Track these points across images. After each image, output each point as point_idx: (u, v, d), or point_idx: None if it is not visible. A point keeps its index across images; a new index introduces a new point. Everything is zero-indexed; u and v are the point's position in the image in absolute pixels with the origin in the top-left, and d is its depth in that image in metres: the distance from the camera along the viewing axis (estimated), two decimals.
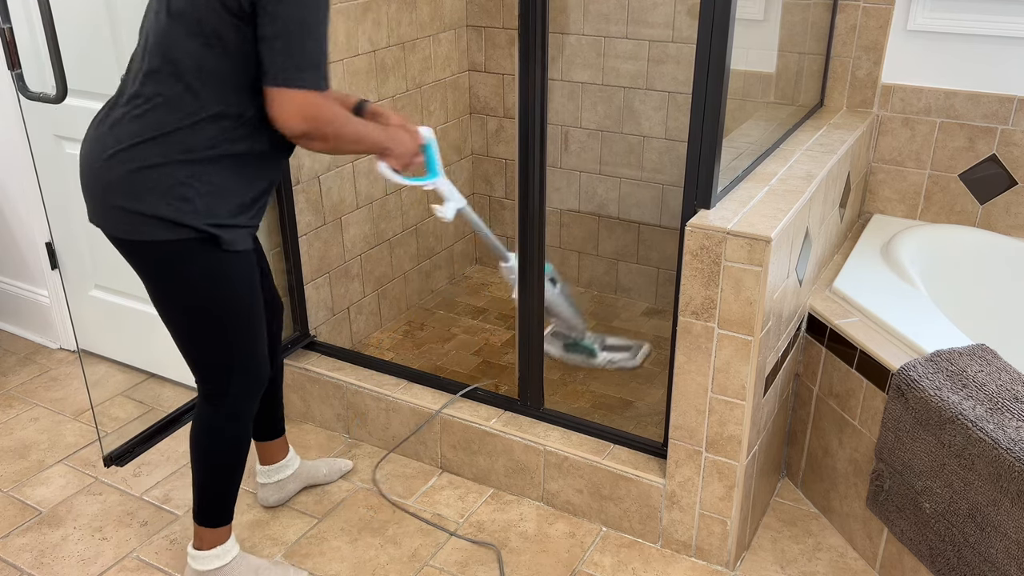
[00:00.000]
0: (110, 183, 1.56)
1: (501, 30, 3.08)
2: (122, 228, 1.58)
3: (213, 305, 1.66)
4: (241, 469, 1.88)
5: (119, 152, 1.55)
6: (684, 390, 1.92)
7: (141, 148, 1.54)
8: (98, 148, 1.58)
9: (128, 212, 1.56)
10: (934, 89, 2.41)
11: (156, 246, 1.59)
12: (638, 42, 2.84)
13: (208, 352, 1.73)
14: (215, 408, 1.79)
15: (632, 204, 3.06)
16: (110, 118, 1.59)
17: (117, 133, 1.56)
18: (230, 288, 1.66)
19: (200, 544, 1.91)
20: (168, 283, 1.64)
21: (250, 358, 1.76)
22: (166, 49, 1.52)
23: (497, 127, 3.22)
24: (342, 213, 2.65)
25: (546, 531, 2.17)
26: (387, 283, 2.97)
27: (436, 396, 2.36)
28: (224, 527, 1.91)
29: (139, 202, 1.55)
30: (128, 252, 1.63)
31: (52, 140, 2.59)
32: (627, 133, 2.97)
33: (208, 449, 1.82)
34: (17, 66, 1.90)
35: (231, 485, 1.88)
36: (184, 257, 1.60)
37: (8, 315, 3.09)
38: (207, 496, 1.86)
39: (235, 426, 1.82)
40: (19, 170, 2.74)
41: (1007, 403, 1.69)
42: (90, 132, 1.62)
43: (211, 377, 1.76)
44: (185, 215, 1.56)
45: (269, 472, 2.21)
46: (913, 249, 2.30)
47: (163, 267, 1.61)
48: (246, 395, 1.80)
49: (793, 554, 2.09)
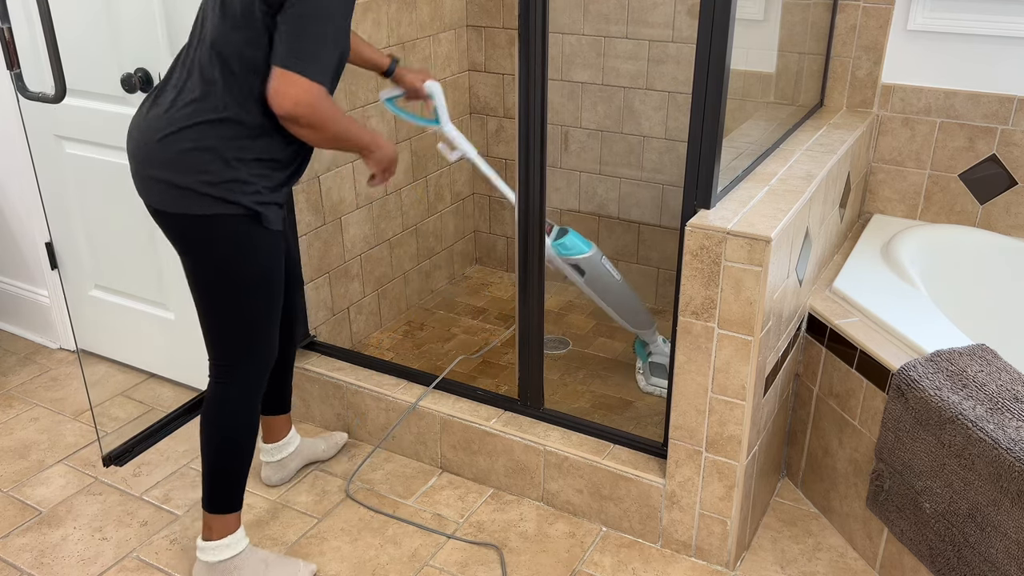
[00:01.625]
0: (164, 161, 1.66)
1: (501, 30, 3.08)
2: (170, 202, 1.68)
3: (244, 280, 1.75)
4: (251, 451, 1.92)
5: (172, 134, 1.65)
6: (684, 390, 1.92)
7: (194, 130, 1.65)
8: (151, 130, 1.68)
9: (180, 188, 1.66)
10: (934, 89, 2.41)
11: (203, 220, 1.68)
12: (638, 42, 2.84)
13: (231, 325, 1.80)
14: (228, 382, 1.85)
15: (632, 204, 3.06)
16: (160, 102, 1.69)
17: (171, 116, 1.66)
18: (261, 265, 1.76)
19: (209, 534, 1.93)
20: (206, 256, 1.72)
21: (267, 336, 1.85)
22: (214, 40, 1.64)
23: (497, 127, 3.22)
24: (342, 213, 2.65)
25: (546, 531, 2.17)
26: (387, 283, 2.97)
27: (436, 396, 2.36)
28: (233, 515, 1.93)
29: (192, 179, 1.65)
30: (171, 225, 1.72)
31: (52, 140, 2.59)
32: (627, 133, 2.97)
33: (220, 426, 1.87)
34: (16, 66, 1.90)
35: (241, 466, 1.91)
36: (227, 232, 1.70)
37: (8, 315, 3.09)
38: (217, 479, 1.89)
39: (246, 401, 1.87)
40: (19, 170, 2.74)
41: (1007, 403, 1.69)
42: (140, 115, 1.72)
43: (229, 351, 1.83)
44: (235, 193, 1.67)
45: (273, 450, 2.26)
46: (913, 249, 2.30)
47: (204, 241, 1.71)
48: (258, 372, 1.87)
49: (793, 554, 2.09)
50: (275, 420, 2.23)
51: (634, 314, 2.52)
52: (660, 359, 2.61)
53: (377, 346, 2.89)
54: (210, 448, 1.88)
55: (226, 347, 1.83)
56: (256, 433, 1.92)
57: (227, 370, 1.84)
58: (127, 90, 2.29)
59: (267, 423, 2.24)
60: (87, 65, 2.38)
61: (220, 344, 1.83)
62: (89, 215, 2.63)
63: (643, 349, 2.66)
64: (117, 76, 2.33)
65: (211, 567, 1.93)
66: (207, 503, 1.91)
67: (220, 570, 1.92)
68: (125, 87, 2.29)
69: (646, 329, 2.57)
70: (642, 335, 2.60)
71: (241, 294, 1.76)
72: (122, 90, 2.32)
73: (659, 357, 2.61)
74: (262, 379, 1.88)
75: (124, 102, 2.38)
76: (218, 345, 1.83)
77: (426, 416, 2.33)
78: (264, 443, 2.27)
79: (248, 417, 1.88)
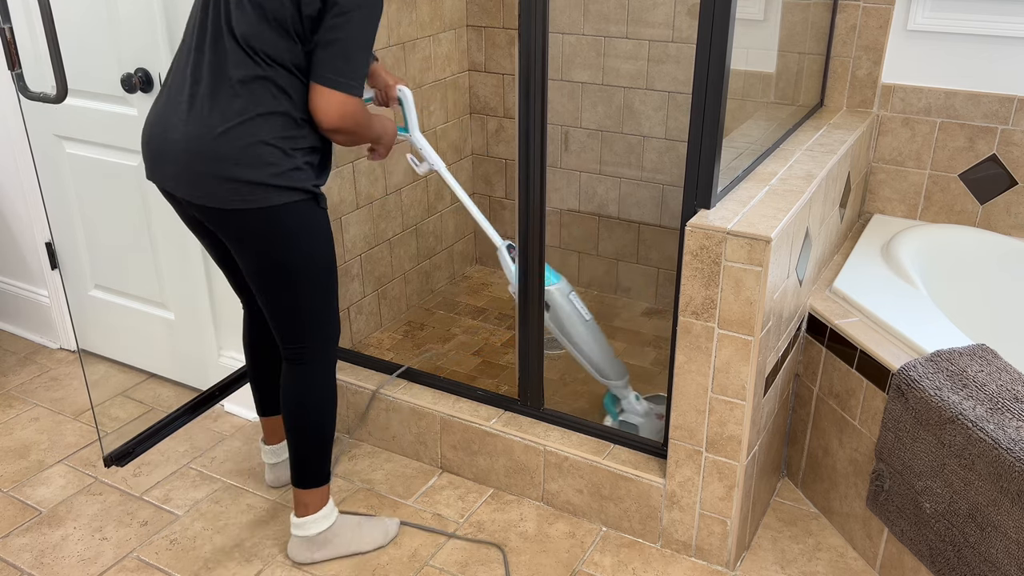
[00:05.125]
0: (225, 157, 1.68)
1: (501, 30, 3.08)
2: (237, 199, 1.70)
3: (318, 260, 1.82)
4: (335, 419, 2.01)
5: (231, 129, 1.67)
6: (684, 390, 1.92)
7: (251, 124, 1.68)
8: (202, 127, 1.68)
9: (244, 183, 1.68)
10: (934, 89, 2.41)
11: (271, 212, 1.72)
12: (638, 42, 2.84)
13: (314, 307, 1.86)
14: (315, 360, 1.91)
15: (632, 204, 3.06)
16: (198, 101, 1.69)
17: (222, 111, 1.68)
18: (327, 243, 1.84)
19: (305, 511, 2.00)
20: (284, 246, 1.76)
21: (337, 308, 1.93)
22: (245, 35, 1.66)
23: (497, 127, 3.22)
24: (342, 213, 2.65)
25: (546, 531, 2.17)
26: (387, 283, 2.97)
27: (436, 396, 2.36)
28: (327, 486, 2.01)
29: (256, 172, 1.68)
30: (240, 223, 1.73)
31: (52, 140, 2.59)
32: (627, 133, 2.97)
33: (311, 406, 1.94)
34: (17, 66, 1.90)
35: (332, 436, 2.00)
36: (295, 218, 1.75)
37: (8, 315, 3.09)
38: (314, 455, 1.96)
39: (332, 373, 1.96)
40: (19, 170, 2.74)
41: (1007, 403, 1.69)
42: (178, 116, 1.71)
43: (315, 332, 1.89)
44: (297, 179, 1.73)
45: (277, 451, 2.27)
46: (913, 249, 2.30)
47: (275, 231, 1.74)
48: (336, 342, 1.95)
49: (793, 554, 2.09)
50: (277, 421, 2.23)
51: (603, 361, 2.23)
52: (632, 418, 2.28)
53: (377, 346, 2.89)
54: (302, 429, 1.94)
55: (312, 329, 1.88)
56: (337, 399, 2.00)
57: (313, 350, 1.90)
58: (127, 90, 2.30)
59: (268, 424, 2.24)
60: (87, 65, 2.38)
61: (305, 328, 1.87)
62: (89, 215, 2.63)
63: (613, 406, 2.33)
64: (117, 76, 2.33)
65: (310, 541, 2.01)
66: (301, 482, 1.97)
67: (320, 541, 2.02)
68: (125, 87, 2.29)
69: (617, 381, 2.26)
70: (613, 388, 2.28)
71: (318, 276, 1.83)
72: (122, 90, 2.32)
73: (631, 416, 2.28)
74: (337, 348, 1.98)
75: (124, 102, 2.38)
76: (303, 329, 1.87)
77: (426, 416, 2.33)
78: (265, 444, 2.27)
79: (334, 388, 1.97)
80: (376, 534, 2.10)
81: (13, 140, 2.69)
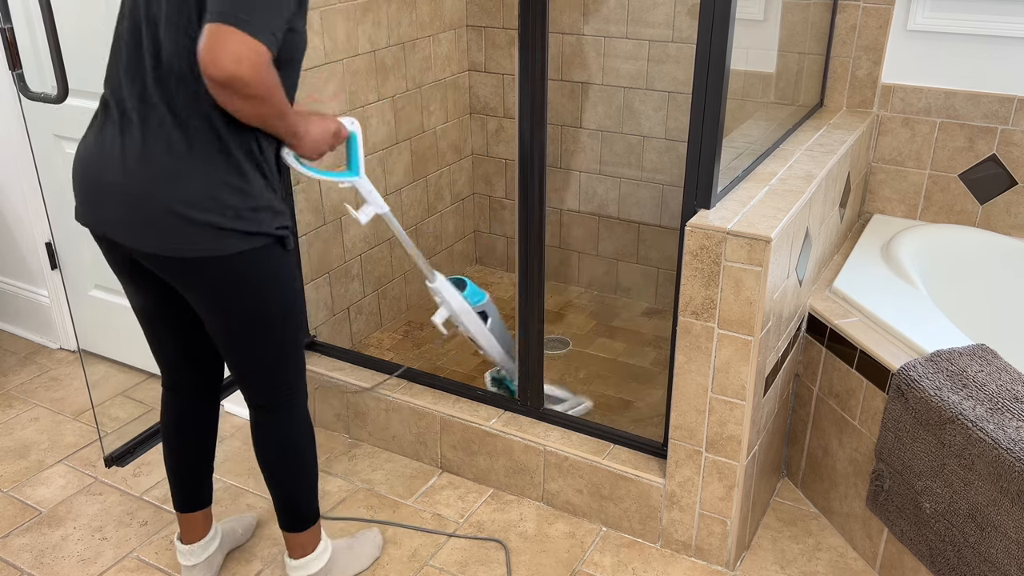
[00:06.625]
0: (179, 202, 1.47)
1: (501, 30, 3.08)
2: (195, 247, 1.49)
3: (284, 307, 1.64)
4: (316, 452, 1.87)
5: (181, 170, 1.46)
6: (684, 390, 1.92)
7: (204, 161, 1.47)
8: (151, 170, 1.47)
9: (203, 227, 1.48)
10: (934, 89, 2.41)
11: (235, 259, 1.53)
12: (638, 42, 2.84)
13: (289, 351, 1.70)
14: (290, 405, 1.76)
15: (632, 204, 3.06)
16: (132, 139, 1.48)
17: (173, 153, 1.46)
18: (292, 288, 1.65)
19: (303, 551, 1.87)
20: (242, 294, 1.57)
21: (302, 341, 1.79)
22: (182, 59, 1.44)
23: (497, 127, 3.22)
24: (342, 213, 2.65)
25: (546, 531, 2.17)
26: (387, 283, 2.97)
27: (436, 396, 2.36)
28: (319, 520, 1.89)
29: (216, 216, 1.48)
30: (196, 271, 1.53)
31: (52, 140, 2.59)
32: (627, 133, 2.97)
33: (293, 449, 1.78)
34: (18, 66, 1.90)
35: (316, 473, 1.85)
36: (260, 264, 1.56)
37: (8, 315, 3.09)
38: (305, 496, 1.83)
39: (306, 413, 1.80)
40: (19, 170, 2.74)
41: (1007, 403, 1.69)
42: (114, 155, 1.50)
43: (290, 374, 1.73)
44: (262, 223, 1.53)
45: (197, 550, 1.95)
46: (913, 249, 2.30)
47: (239, 279, 1.55)
48: (305, 381, 1.80)
49: (793, 554, 2.09)
50: (200, 515, 1.93)
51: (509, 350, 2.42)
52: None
53: (377, 346, 2.89)
54: (290, 473, 1.80)
55: (289, 373, 1.73)
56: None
57: (290, 392, 1.75)
58: None
59: (190, 521, 1.91)
60: (87, 65, 2.38)
61: (281, 373, 1.72)
62: None
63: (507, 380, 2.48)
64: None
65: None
66: (295, 526, 1.84)
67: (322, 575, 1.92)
68: None
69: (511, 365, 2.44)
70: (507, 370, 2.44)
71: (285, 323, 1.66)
72: None
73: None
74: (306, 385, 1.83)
75: None
76: (279, 376, 1.72)
77: (426, 416, 2.33)
78: (182, 544, 1.94)
79: (311, 426, 1.81)
80: (367, 548, 2.05)
81: (13, 140, 2.69)
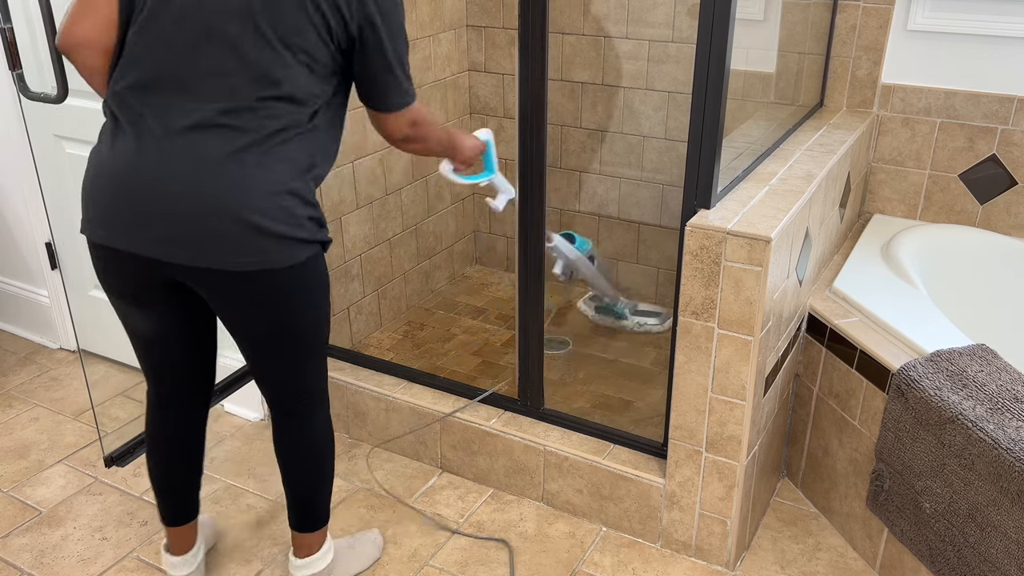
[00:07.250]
0: (250, 211, 1.47)
1: (501, 30, 3.08)
2: (265, 258, 1.51)
3: (323, 313, 1.69)
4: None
5: (250, 179, 1.48)
6: (684, 390, 1.92)
7: (278, 173, 1.50)
8: (221, 181, 1.47)
9: (272, 237, 1.50)
10: (934, 89, 2.41)
11: (295, 268, 1.55)
12: (638, 42, 2.84)
13: (316, 360, 1.74)
14: (321, 406, 1.80)
15: (632, 204, 3.06)
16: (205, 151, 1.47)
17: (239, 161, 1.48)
18: (328, 294, 1.70)
19: (310, 551, 1.90)
20: (292, 303, 1.59)
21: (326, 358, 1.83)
22: (267, 72, 1.47)
23: (497, 127, 3.22)
24: (342, 213, 2.65)
25: (546, 531, 2.17)
26: (387, 283, 2.97)
27: (436, 396, 2.36)
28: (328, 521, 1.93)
29: (284, 225, 1.51)
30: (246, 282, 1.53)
31: (52, 140, 2.59)
32: (627, 133, 2.97)
33: (320, 450, 1.83)
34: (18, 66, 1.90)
35: (334, 475, 1.92)
36: (316, 271, 1.61)
37: (8, 315, 3.09)
38: (323, 498, 1.87)
39: (329, 413, 1.85)
40: (19, 170, 2.74)
41: (1007, 403, 1.69)
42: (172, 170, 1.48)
43: (315, 385, 1.77)
44: (317, 231, 1.58)
45: (189, 560, 1.95)
46: (913, 249, 2.30)
47: (294, 287, 1.57)
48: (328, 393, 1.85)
49: (793, 554, 2.09)
50: (191, 527, 1.93)
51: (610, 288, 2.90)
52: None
53: (377, 346, 2.89)
54: (308, 477, 1.84)
55: (309, 382, 1.76)
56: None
57: (320, 396, 1.79)
58: None
59: (181, 533, 1.92)
60: None
61: (312, 379, 1.75)
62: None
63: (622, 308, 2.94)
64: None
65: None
66: (309, 526, 1.87)
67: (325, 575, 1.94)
68: None
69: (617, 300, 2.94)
70: (618, 304, 2.93)
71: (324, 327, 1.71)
72: None
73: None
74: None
75: None
76: (300, 383, 1.74)
77: (426, 416, 2.33)
78: (172, 555, 1.93)
79: (332, 431, 1.86)
80: (368, 548, 2.06)
81: (13, 140, 2.69)
